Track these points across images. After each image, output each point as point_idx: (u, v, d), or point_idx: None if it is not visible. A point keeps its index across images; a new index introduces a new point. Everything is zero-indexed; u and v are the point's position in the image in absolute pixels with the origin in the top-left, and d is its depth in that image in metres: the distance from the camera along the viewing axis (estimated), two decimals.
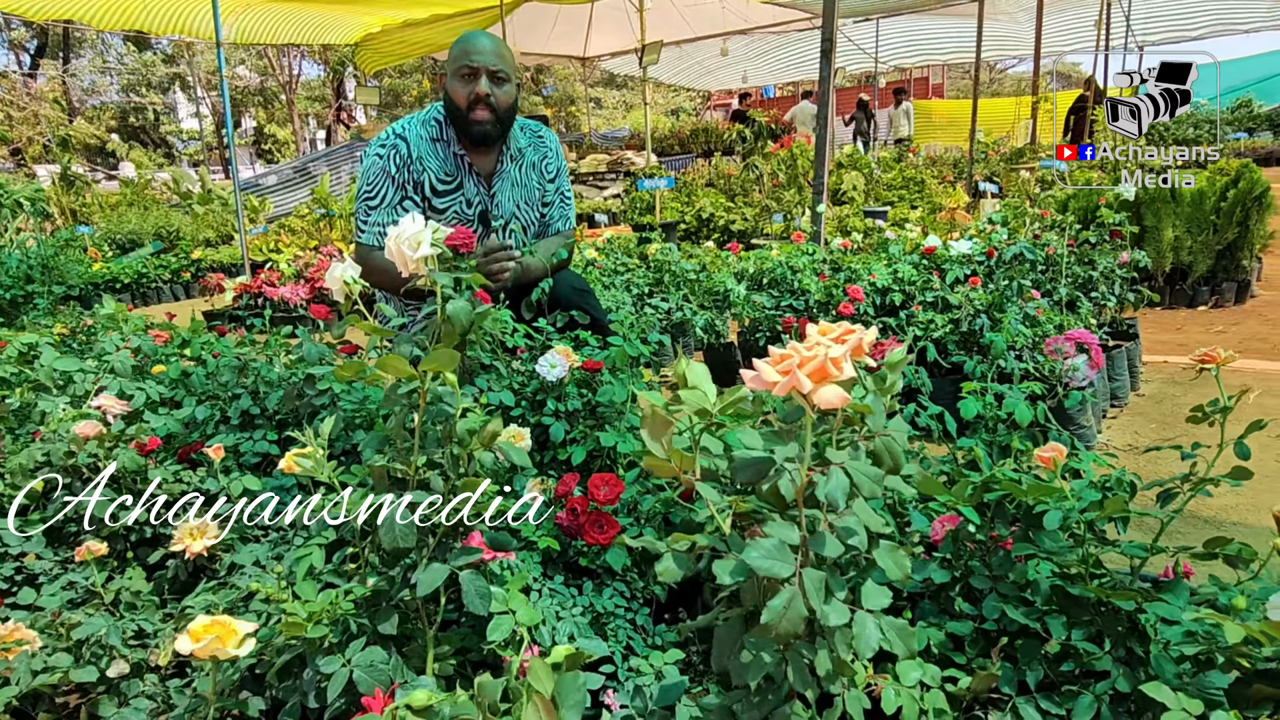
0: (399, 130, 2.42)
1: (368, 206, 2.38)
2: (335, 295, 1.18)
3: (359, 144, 13.87)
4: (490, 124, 2.31)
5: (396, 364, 0.98)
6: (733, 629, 0.71)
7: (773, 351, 0.68)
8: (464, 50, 2.32)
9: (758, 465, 0.65)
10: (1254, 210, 4.42)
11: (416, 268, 0.99)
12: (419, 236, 0.98)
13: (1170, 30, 16.59)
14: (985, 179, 8.06)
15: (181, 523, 1.44)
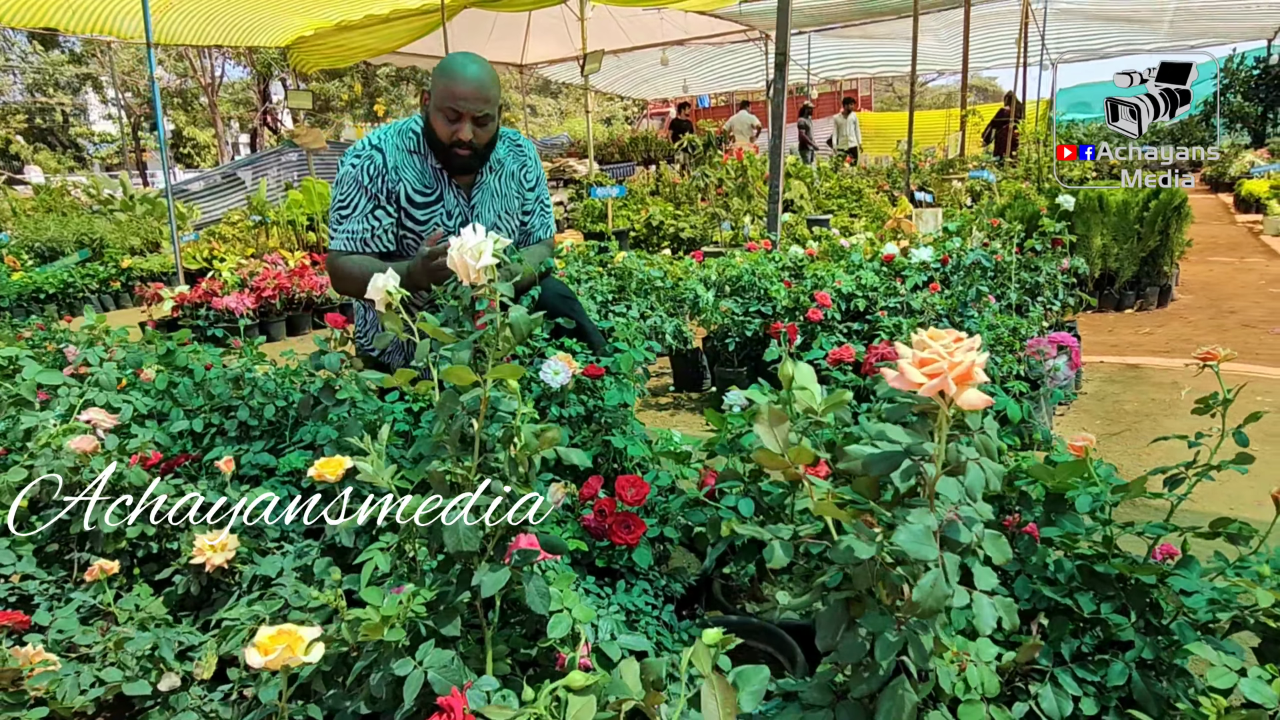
0: (375, 141, 2.40)
1: (340, 215, 2.36)
2: (378, 305, 1.19)
3: (290, 149, 13.49)
4: (470, 157, 2.32)
5: (460, 372, 1.00)
6: (836, 611, 0.76)
7: (904, 353, 0.73)
8: (450, 88, 2.23)
9: (891, 458, 0.70)
10: (1173, 219, 4.74)
11: (477, 277, 1.02)
12: (481, 246, 1.01)
13: (1081, 48, 17.55)
14: (919, 188, 8.37)
15: (200, 536, 1.42)
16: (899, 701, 0.70)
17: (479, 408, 1.03)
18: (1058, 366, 1.62)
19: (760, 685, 0.68)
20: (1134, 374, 3.61)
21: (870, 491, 0.78)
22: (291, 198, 9.08)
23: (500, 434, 1.04)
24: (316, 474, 1.35)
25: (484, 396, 1.02)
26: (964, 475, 0.68)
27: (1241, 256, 6.38)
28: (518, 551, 1.07)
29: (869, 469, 0.71)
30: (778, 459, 0.81)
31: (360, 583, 1.04)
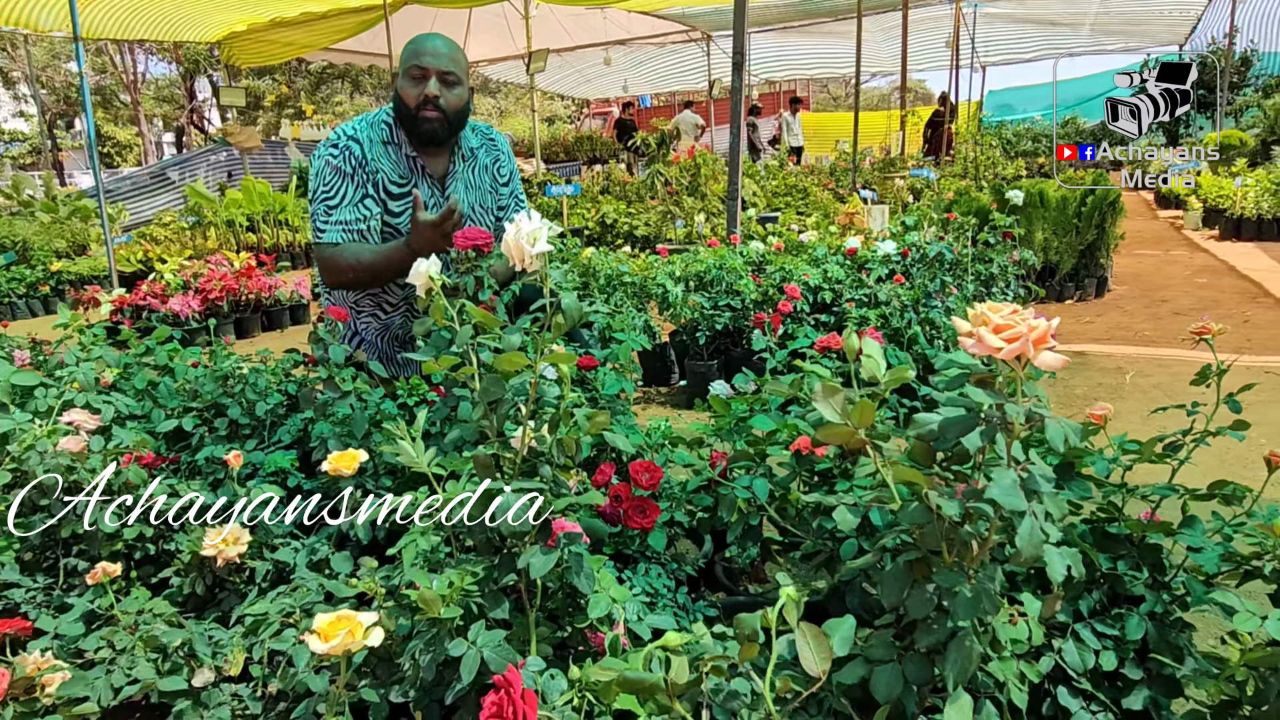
0: (350, 132, 2.38)
1: (327, 207, 2.33)
2: (419, 290, 1.19)
3: (222, 148, 13.06)
4: (439, 124, 2.32)
5: (513, 357, 1.01)
6: (899, 570, 0.80)
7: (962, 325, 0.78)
8: (415, 51, 2.32)
9: (965, 422, 0.74)
10: (1109, 214, 4.98)
11: (531, 263, 1.03)
12: (536, 232, 1.02)
13: (1008, 53, 18.23)
14: (863, 186, 8.59)
15: (210, 531, 1.39)
16: (966, 652, 0.74)
17: (528, 392, 1.04)
18: None
19: (848, 633, 0.71)
20: (1080, 360, 3.79)
21: (925, 457, 0.82)
22: (230, 197, 8.80)
23: (549, 418, 1.06)
24: (332, 468, 1.35)
25: (533, 381, 1.03)
26: (1048, 429, 0.73)
27: (1166, 250, 6.74)
28: (563, 534, 1.08)
29: (947, 432, 0.75)
30: (841, 429, 0.84)
31: (404, 567, 1.04)
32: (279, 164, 14.15)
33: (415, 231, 2.13)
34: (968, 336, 0.78)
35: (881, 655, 0.80)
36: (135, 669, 1.05)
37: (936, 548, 0.78)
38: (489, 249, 1.52)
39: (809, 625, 0.68)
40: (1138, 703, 0.99)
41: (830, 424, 0.84)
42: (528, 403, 1.05)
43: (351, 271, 2.28)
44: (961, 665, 0.74)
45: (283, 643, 1.10)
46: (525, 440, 1.06)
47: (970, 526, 0.75)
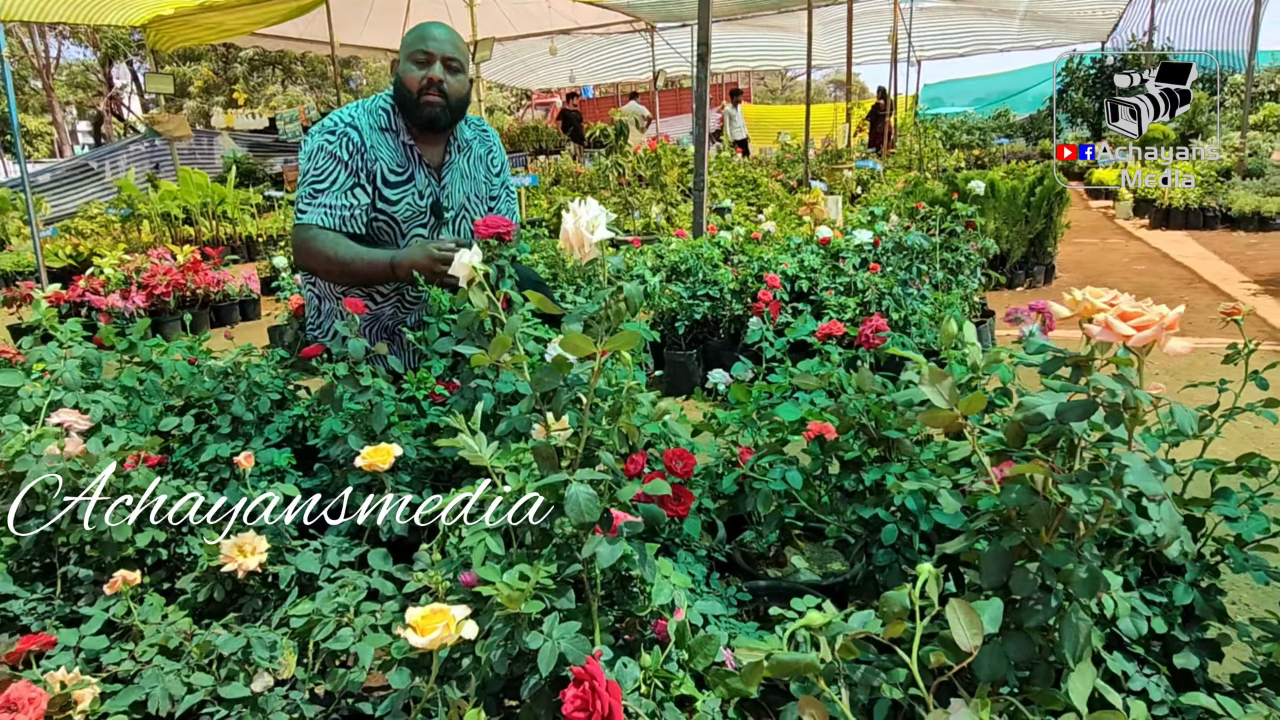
0: (347, 119, 2.33)
1: (314, 190, 2.26)
2: (461, 281, 1.16)
3: (149, 137, 12.50)
4: (441, 109, 2.29)
5: (579, 342, 1.00)
6: (998, 552, 0.82)
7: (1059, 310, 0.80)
8: (420, 37, 2.31)
9: (1084, 406, 0.76)
10: (1056, 204, 5.17)
11: (590, 252, 1.01)
12: (595, 221, 1.01)
13: (942, 48, 18.72)
14: (812, 177, 8.72)
15: (226, 540, 1.34)
16: (1077, 629, 0.77)
17: (586, 380, 1.03)
18: (1033, 333, 1.75)
19: (997, 612, 0.73)
20: None
21: (1016, 441, 0.85)
22: (165, 189, 8.43)
23: (609, 406, 1.05)
24: (367, 464, 1.31)
25: (596, 368, 1.02)
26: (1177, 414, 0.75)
27: (1103, 238, 7.03)
28: (625, 524, 1.08)
29: (1065, 416, 0.77)
30: (945, 414, 0.86)
31: (474, 560, 1.02)
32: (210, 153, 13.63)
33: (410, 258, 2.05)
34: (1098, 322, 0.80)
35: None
36: (192, 677, 1.00)
37: (1040, 529, 0.80)
38: (509, 236, 1.49)
39: (960, 602, 0.69)
40: (1188, 662, 1.04)
41: (935, 409, 0.86)
42: (589, 391, 1.04)
43: (324, 260, 2.21)
44: (1076, 640, 0.76)
45: (339, 642, 1.06)
46: (586, 429, 1.05)
47: (1075, 508, 0.77)
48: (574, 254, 1.03)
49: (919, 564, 1.40)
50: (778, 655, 0.70)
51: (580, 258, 1.03)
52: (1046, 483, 0.80)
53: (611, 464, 1.05)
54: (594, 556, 1.03)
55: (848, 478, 1.44)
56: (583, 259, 1.02)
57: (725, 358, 3.38)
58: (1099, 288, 0.82)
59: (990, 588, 0.82)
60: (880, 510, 1.34)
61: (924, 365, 0.92)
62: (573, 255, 1.03)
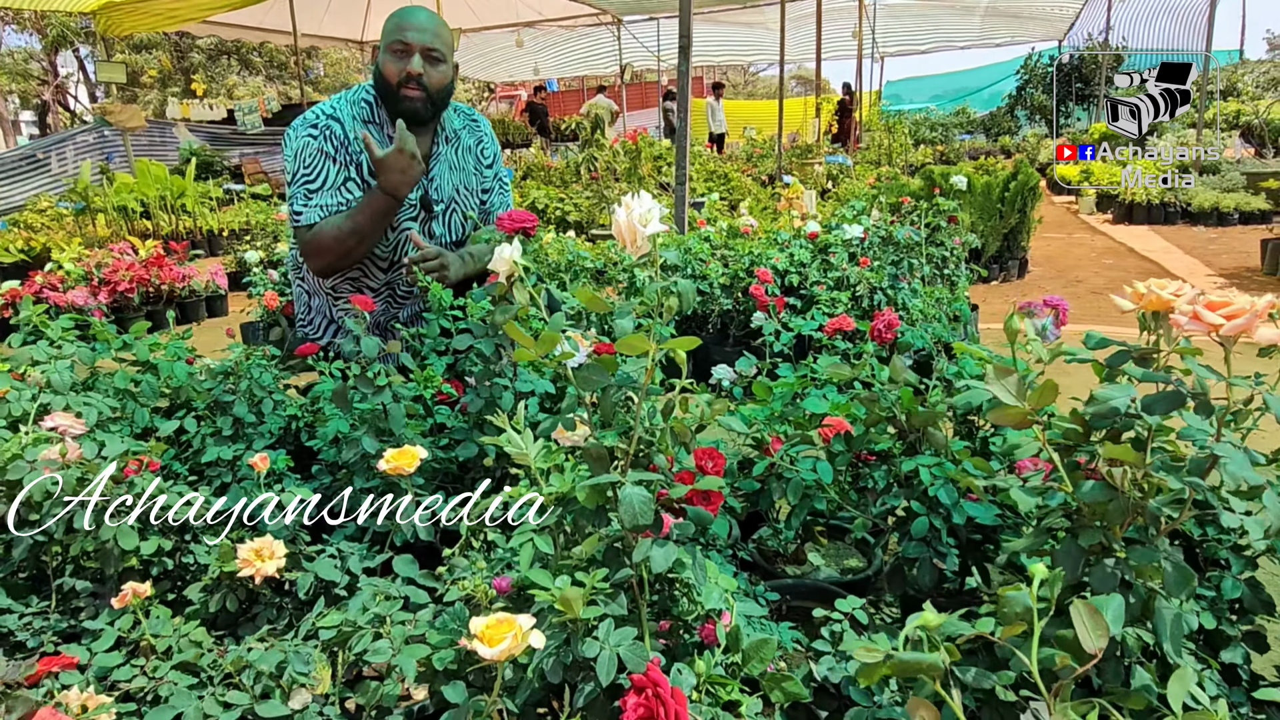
0: (329, 111, 2.25)
1: (308, 190, 2.19)
2: (500, 276, 1.11)
3: (101, 127, 12.08)
4: (421, 102, 2.22)
5: (635, 341, 0.97)
6: (1077, 549, 0.81)
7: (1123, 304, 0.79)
8: (399, 25, 2.23)
9: (1172, 398, 0.76)
10: (1030, 200, 5.26)
11: (644, 245, 0.98)
12: (649, 214, 0.98)
13: (904, 44, 18.96)
14: (785, 172, 8.77)
15: (242, 546, 1.28)
16: (1170, 624, 0.76)
17: (638, 379, 1.00)
18: (1045, 325, 1.76)
19: (1119, 610, 0.72)
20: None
21: (1080, 436, 0.84)
22: (121, 181, 8.15)
23: (662, 405, 1.02)
24: (391, 467, 1.27)
25: (650, 367, 0.99)
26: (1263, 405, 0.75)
27: (1069, 233, 7.17)
28: (675, 526, 1.05)
29: (1152, 409, 0.76)
30: (1015, 410, 0.85)
31: (522, 562, 0.98)
32: (166, 145, 13.23)
33: (380, 169, 2.05)
34: (1186, 313, 0.79)
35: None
36: (227, 694, 0.95)
37: (1116, 525, 0.79)
38: (534, 231, 1.45)
39: (1083, 602, 0.68)
40: (1236, 656, 1.04)
41: (1004, 405, 0.85)
42: (641, 389, 1.01)
43: (336, 242, 2.13)
44: (1178, 637, 0.76)
45: (378, 655, 1.02)
46: (637, 429, 1.02)
47: (1156, 504, 0.77)
48: (625, 247, 1.00)
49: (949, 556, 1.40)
50: (899, 656, 0.68)
51: (631, 251, 0.99)
52: (1125, 477, 0.79)
53: (664, 465, 1.02)
54: (646, 560, 1.00)
55: (878, 470, 1.43)
56: (634, 253, 0.99)
57: (714, 352, 3.37)
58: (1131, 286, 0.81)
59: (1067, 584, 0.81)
60: (915, 503, 1.33)
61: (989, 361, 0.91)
62: (624, 249, 0.99)
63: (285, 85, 22.17)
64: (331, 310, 2.43)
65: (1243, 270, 5.26)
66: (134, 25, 11.90)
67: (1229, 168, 8.49)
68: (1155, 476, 0.76)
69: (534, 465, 1.04)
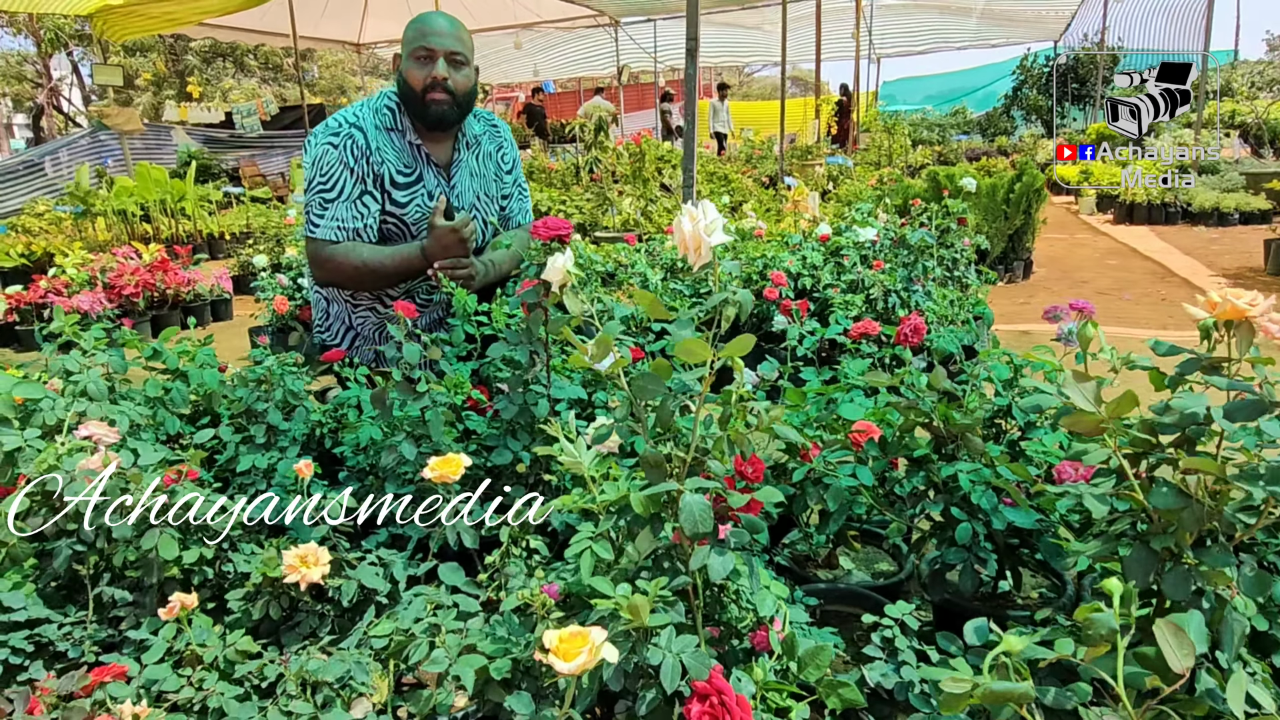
0: (351, 119, 2.26)
1: (323, 200, 2.20)
2: (554, 286, 1.12)
3: (98, 131, 12.04)
4: (448, 106, 2.24)
5: (695, 348, 0.97)
6: (1149, 555, 0.82)
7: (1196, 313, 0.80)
8: (421, 31, 2.24)
9: (1255, 406, 0.76)
10: (1035, 201, 5.28)
11: (708, 255, 0.98)
12: (714, 224, 0.98)
13: (902, 45, 18.99)
14: (783, 174, 8.77)
15: (287, 552, 1.28)
16: (1234, 629, 0.77)
17: (696, 387, 1.00)
18: (1072, 331, 1.77)
19: (1201, 627, 0.72)
20: (1028, 339, 4.01)
21: (1149, 444, 0.84)
22: (121, 184, 8.12)
23: (719, 412, 1.02)
24: (437, 475, 1.27)
25: (707, 376, 0.99)
26: None
27: (1071, 234, 7.20)
28: (731, 533, 1.05)
29: (1234, 416, 0.77)
30: (1090, 417, 0.85)
31: (583, 573, 0.98)
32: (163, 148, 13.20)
33: (434, 236, 2.14)
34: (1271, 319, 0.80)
35: None
36: (292, 703, 0.95)
37: (1190, 531, 0.80)
38: (569, 239, 1.45)
39: (1166, 622, 0.68)
40: None
41: (1081, 411, 0.85)
42: (700, 397, 1.01)
43: (353, 271, 2.18)
44: (1233, 641, 0.76)
45: (435, 664, 1.02)
46: (695, 437, 1.02)
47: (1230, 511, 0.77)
48: (689, 256, 1.00)
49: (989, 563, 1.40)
50: (989, 686, 0.68)
51: (694, 260, 0.99)
52: (1199, 485, 0.80)
53: (721, 473, 1.03)
54: (704, 568, 1.00)
55: (916, 475, 1.43)
56: (696, 262, 0.99)
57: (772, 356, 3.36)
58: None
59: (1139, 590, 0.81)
60: (955, 509, 1.33)
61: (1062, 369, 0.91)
62: (688, 258, 1.00)
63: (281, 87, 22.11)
64: (351, 317, 2.43)
65: (1245, 270, 5.29)
66: (132, 28, 11.88)
67: (1227, 168, 8.53)
68: (1231, 484, 0.76)
69: (587, 473, 1.04)
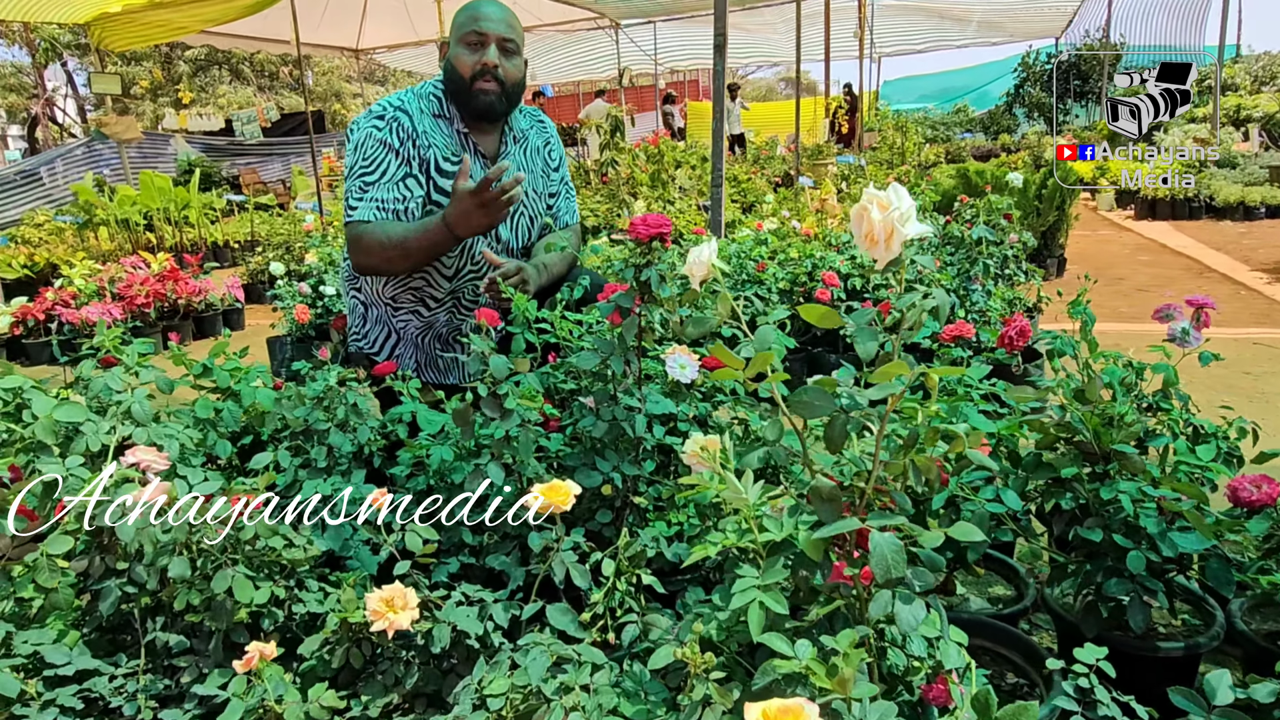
0: (396, 103, 2.13)
1: (364, 182, 2.05)
2: (694, 281, 0.97)
3: (99, 140, 11.88)
4: (496, 96, 2.10)
5: (894, 369, 0.83)
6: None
7: None
8: (472, 16, 2.10)
9: None
10: (1068, 196, 5.15)
11: (897, 250, 0.84)
12: (908, 213, 0.84)
13: (902, 44, 18.91)
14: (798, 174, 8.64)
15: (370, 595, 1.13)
16: None
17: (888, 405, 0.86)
18: (1186, 329, 1.63)
19: None
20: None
21: None
22: (123, 193, 7.96)
23: (905, 436, 0.88)
24: (543, 505, 1.12)
25: (899, 393, 0.85)
26: None
27: (1094, 230, 7.08)
28: (914, 574, 0.91)
29: None
30: None
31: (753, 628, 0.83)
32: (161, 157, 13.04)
33: (454, 202, 1.90)
34: None
35: None
36: None
37: None
38: (669, 240, 1.30)
39: None
40: None
41: None
42: (883, 418, 0.87)
43: (380, 249, 1.99)
44: None
45: None
46: (876, 465, 0.88)
47: None
48: (871, 251, 0.86)
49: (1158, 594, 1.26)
50: None
51: (878, 257, 0.85)
52: None
53: (907, 506, 0.88)
54: (890, 618, 0.86)
55: (1063, 496, 1.29)
56: (883, 259, 0.85)
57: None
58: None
59: None
60: (1118, 536, 1.19)
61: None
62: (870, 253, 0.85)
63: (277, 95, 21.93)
64: (392, 321, 2.28)
65: None
66: (130, 37, 11.72)
67: (1245, 160, 8.43)
68: None
69: (749, 511, 0.89)
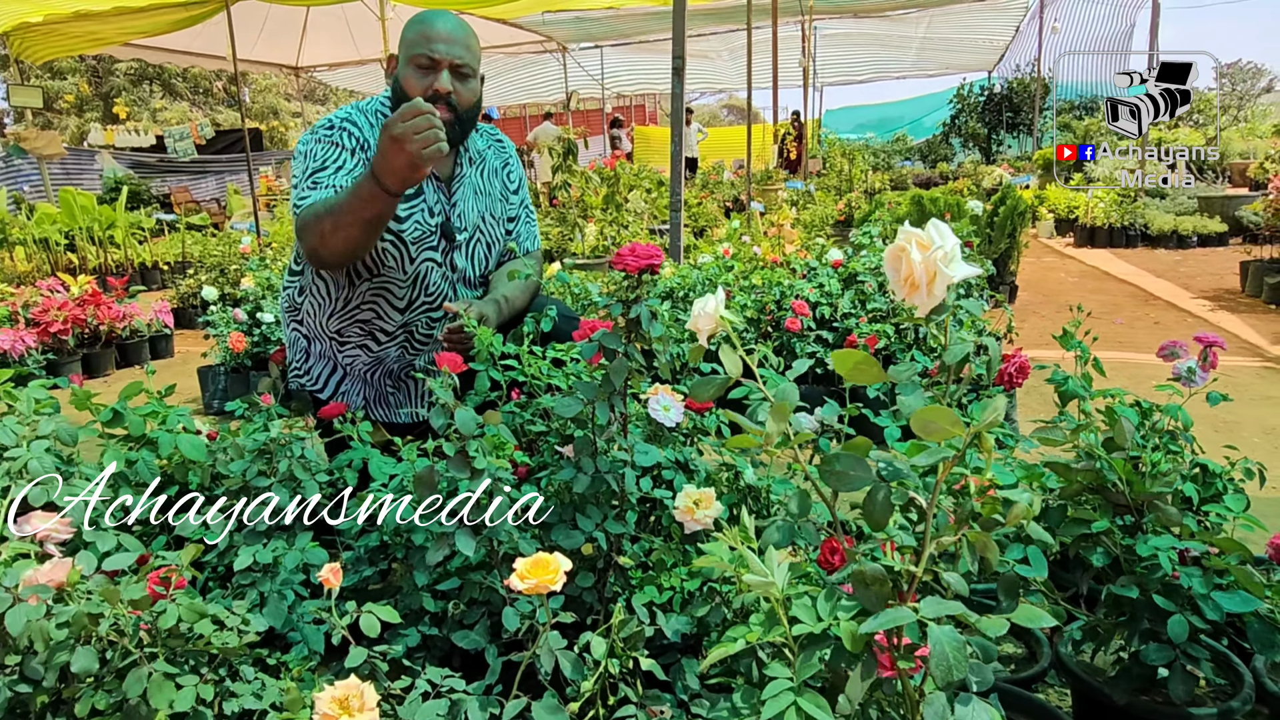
0: (344, 115, 1.98)
1: (315, 179, 1.87)
2: (701, 336, 0.84)
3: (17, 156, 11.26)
4: (448, 125, 1.93)
5: (941, 419, 0.70)
6: None
7: None
8: (424, 35, 1.91)
9: None
10: (1019, 224, 5.21)
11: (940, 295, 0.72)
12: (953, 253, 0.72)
13: (843, 75, 19.35)
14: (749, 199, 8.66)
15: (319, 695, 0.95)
16: None
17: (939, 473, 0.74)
18: (1192, 369, 1.56)
19: None
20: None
21: None
22: (43, 211, 7.50)
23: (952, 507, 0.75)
24: (530, 586, 0.96)
25: (951, 460, 0.72)
26: None
27: (1038, 257, 7.21)
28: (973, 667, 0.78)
29: None
30: None
31: None
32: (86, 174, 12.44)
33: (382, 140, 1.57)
34: None
35: None
36: None
37: None
38: (659, 269, 1.17)
39: None
40: None
41: None
42: (935, 489, 0.74)
43: (315, 222, 1.74)
44: None
45: None
46: (928, 544, 0.75)
47: None
48: (911, 297, 0.74)
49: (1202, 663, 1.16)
50: None
51: (918, 302, 0.73)
52: None
53: (964, 590, 0.76)
54: None
55: (1093, 551, 1.18)
56: (925, 305, 0.73)
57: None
58: None
59: None
60: (1158, 597, 1.09)
61: None
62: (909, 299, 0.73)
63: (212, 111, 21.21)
64: (338, 356, 2.10)
65: (1223, 292, 5.31)
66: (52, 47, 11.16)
67: (1174, 192, 8.74)
68: None
69: (777, 596, 0.76)
